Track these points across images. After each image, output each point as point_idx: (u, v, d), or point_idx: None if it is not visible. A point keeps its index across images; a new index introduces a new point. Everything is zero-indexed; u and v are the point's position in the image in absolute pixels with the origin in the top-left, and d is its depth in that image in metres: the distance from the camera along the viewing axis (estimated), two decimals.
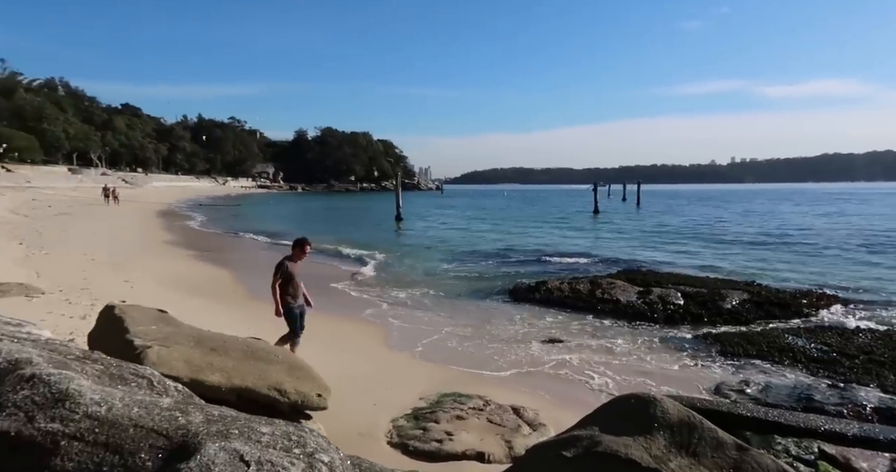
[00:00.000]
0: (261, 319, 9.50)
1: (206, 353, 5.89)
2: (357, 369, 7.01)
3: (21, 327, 1.42)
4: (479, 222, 39.85)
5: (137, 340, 5.83)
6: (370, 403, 5.90)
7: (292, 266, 6.46)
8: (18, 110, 71.89)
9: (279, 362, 6.16)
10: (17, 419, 0.92)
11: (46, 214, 27.24)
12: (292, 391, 5.48)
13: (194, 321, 6.80)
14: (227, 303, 10.69)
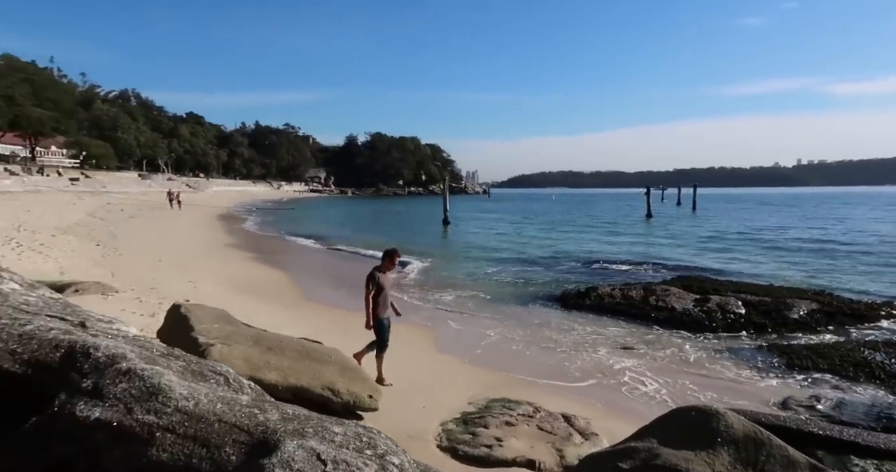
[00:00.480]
0: (315, 320, 9.81)
1: (263, 352, 6.13)
2: (405, 371, 7.08)
3: (112, 324, 1.54)
4: (526, 227, 39.45)
5: (201, 337, 6.14)
6: (419, 405, 5.94)
7: (382, 278, 6.41)
8: (96, 120, 77.36)
9: (332, 362, 6.34)
10: (117, 410, 1.00)
11: (119, 218, 29.13)
12: (345, 392, 5.62)
13: (251, 321, 7.10)
14: (282, 304, 11.06)
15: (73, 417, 0.99)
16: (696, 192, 63.17)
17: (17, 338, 1.15)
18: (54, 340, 1.17)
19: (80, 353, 1.13)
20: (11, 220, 20.12)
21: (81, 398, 1.03)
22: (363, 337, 8.54)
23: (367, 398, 5.64)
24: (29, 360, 1.11)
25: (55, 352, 1.13)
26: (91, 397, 1.03)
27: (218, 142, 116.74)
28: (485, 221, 46.46)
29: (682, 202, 70.53)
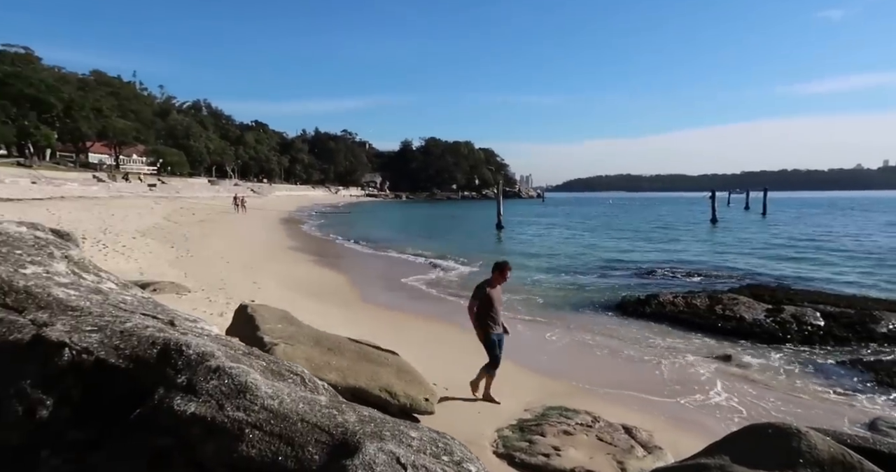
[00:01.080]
0: (371, 322, 10.01)
1: (323, 352, 6.32)
2: (460, 375, 7.08)
3: (196, 323, 1.64)
4: (581, 232, 38.59)
5: (266, 337, 6.42)
6: (475, 410, 5.93)
7: (492, 291, 6.10)
8: (172, 130, 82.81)
9: (389, 364, 6.44)
10: (210, 406, 1.07)
11: (191, 221, 30.97)
12: (402, 394, 5.70)
13: (310, 322, 7.34)
14: (340, 306, 11.36)
15: (171, 411, 1.07)
16: (767, 195, 59.47)
17: (119, 334, 1.25)
18: (151, 337, 1.26)
19: (174, 350, 1.21)
20: (98, 223, 21.85)
21: (178, 393, 1.10)
22: (417, 339, 8.65)
23: (423, 401, 5.68)
24: (130, 355, 1.20)
25: (152, 348, 1.22)
26: (186, 392, 1.10)
27: (280, 148, 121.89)
28: (539, 225, 45.85)
29: (750, 207, 66.73)
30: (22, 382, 1.13)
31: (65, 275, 1.63)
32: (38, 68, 61.68)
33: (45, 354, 1.17)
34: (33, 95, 52.03)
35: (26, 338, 1.22)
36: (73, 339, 1.21)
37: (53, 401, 1.11)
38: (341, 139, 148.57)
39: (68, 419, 1.10)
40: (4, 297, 1.35)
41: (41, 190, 36.51)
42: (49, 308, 1.35)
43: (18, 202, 27.52)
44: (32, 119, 52.44)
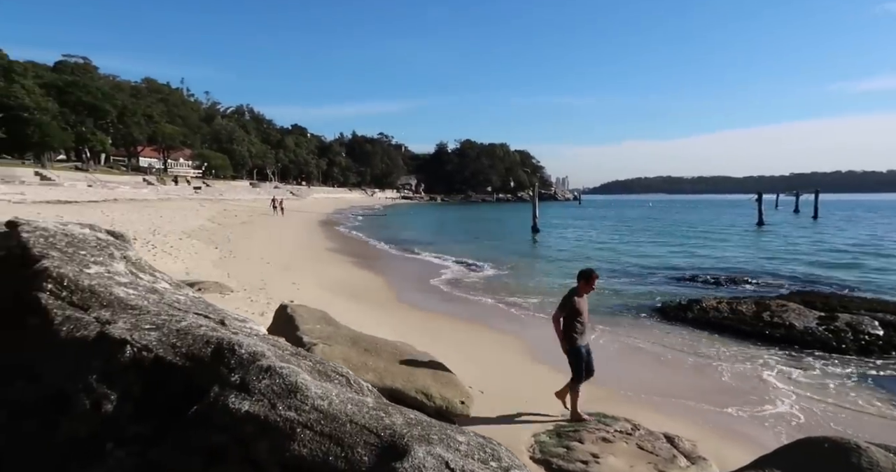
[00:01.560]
0: (406, 323, 10.08)
1: (361, 353, 6.40)
2: (496, 378, 7.04)
3: (245, 323, 1.69)
4: (620, 235, 37.79)
5: (306, 337, 6.55)
6: (511, 414, 5.88)
7: (579, 301, 5.81)
8: (216, 134, 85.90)
9: (425, 366, 6.46)
10: (263, 405, 1.10)
11: (233, 223, 31.98)
12: (437, 396, 5.71)
13: (347, 322, 7.45)
14: (375, 307, 11.48)
15: (226, 408, 1.10)
16: (818, 198, 56.72)
17: (176, 333, 1.31)
18: (205, 336, 1.31)
19: (226, 349, 1.25)
20: (148, 225, 22.84)
21: (232, 392, 1.14)
22: (451, 341, 8.65)
23: (459, 403, 5.68)
24: (186, 353, 1.25)
25: (206, 347, 1.26)
26: (240, 391, 1.14)
27: (319, 152, 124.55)
28: (575, 228, 45.18)
29: (800, 209, 63.81)
30: (89, 376, 1.19)
31: (124, 275, 1.72)
32: (95, 77, 65.22)
33: (108, 350, 1.24)
34: (90, 103, 54.96)
35: (92, 335, 1.29)
36: (134, 337, 1.27)
37: (117, 396, 1.17)
38: (377, 142, 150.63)
39: (130, 414, 1.16)
40: (71, 295, 1.43)
41: (96, 193, 38.46)
42: (111, 307, 1.42)
43: (76, 204, 29.06)
44: (89, 125, 55.40)
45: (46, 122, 48.68)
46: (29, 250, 1.63)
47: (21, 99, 47.11)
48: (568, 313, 5.76)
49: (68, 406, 1.16)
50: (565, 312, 5.77)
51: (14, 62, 51.53)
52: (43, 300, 1.38)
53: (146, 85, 76.07)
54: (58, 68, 62.67)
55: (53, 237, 1.77)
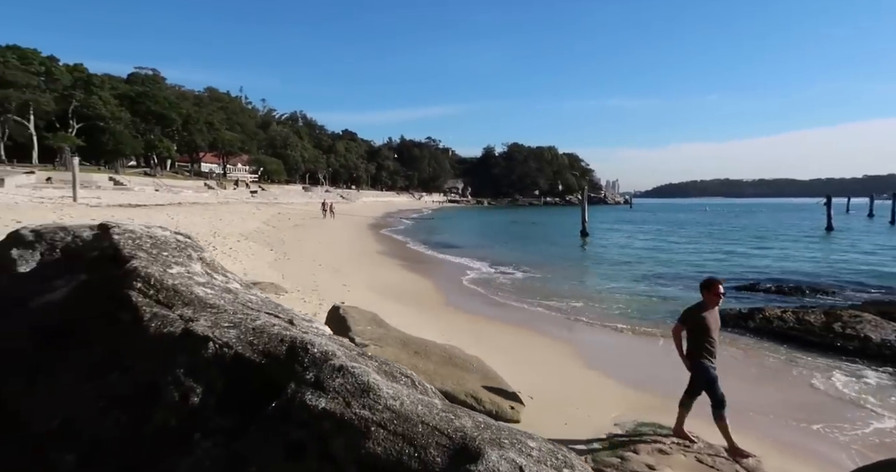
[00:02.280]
0: (453, 326, 10.11)
1: (411, 355, 6.47)
2: (545, 383, 6.95)
3: (312, 323, 1.76)
4: (673, 239, 36.45)
5: (357, 338, 6.69)
6: (561, 421, 5.78)
7: (708, 315, 5.09)
8: (272, 140, 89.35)
9: (474, 370, 6.47)
10: (338, 402, 1.15)
11: (287, 226, 33.09)
12: (487, 400, 5.70)
13: (396, 324, 7.55)
14: (424, 310, 11.57)
15: (304, 405, 1.15)
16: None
17: (252, 331, 1.38)
18: (279, 334, 1.37)
19: (300, 348, 1.31)
20: (209, 227, 24.00)
21: (308, 389, 1.19)
22: (500, 345, 8.60)
23: (508, 408, 5.65)
24: (263, 351, 1.32)
25: (281, 346, 1.33)
26: (315, 388, 1.19)
27: (368, 156, 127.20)
28: (626, 232, 43.96)
29: (874, 214, 59.40)
30: (176, 370, 1.27)
31: (201, 275, 1.83)
32: (163, 87, 69.39)
33: (193, 346, 1.32)
34: (158, 112, 58.53)
35: (177, 331, 1.38)
36: (215, 334, 1.35)
37: (202, 389, 1.25)
38: (425, 146, 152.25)
39: (214, 407, 1.23)
40: (157, 294, 1.54)
41: (162, 197, 40.82)
42: (192, 305, 1.52)
43: (145, 207, 30.92)
44: (157, 133, 59.00)
45: (120, 130, 52.24)
46: (120, 250, 1.76)
47: (98, 109, 50.79)
48: (691, 327, 5.10)
49: (159, 398, 1.25)
50: (687, 326, 5.13)
51: (93, 75, 55.66)
52: (133, 298, 1.49)
53: (208, 94, 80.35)
54: (130, 80, 67.15)
55: (140, 239, 1.90)
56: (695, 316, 5.10)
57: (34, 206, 22.98)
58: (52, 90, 49.34)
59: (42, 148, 47.84)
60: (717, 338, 5.11)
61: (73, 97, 50.08)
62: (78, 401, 1.30)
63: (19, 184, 33.33)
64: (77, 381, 1.35)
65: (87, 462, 1.18)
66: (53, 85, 50.11)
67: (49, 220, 15.12)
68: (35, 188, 33.03)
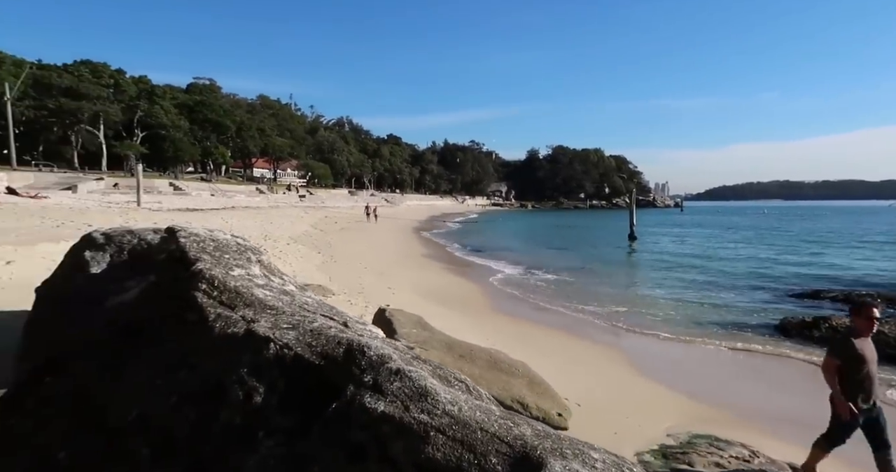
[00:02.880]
0: (498, 331, 10.03)
1: (456, 359, 6.46)
2: (593, 390, 6.79)
3: (365, 326, 1.79)
4: (727, 244, 34.88)
5: (403, 341, 6.74)
6: (611, 430, 5.62)
7: (862, 345, 4.21)
8: (319, 145, 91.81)
9: (520, 375, 6.39)
10: (397, 406, 1.16)
11: (334, 229, 33.85)
12: (534, 407, 5.61)
13: (441, 328, 7.55)
14: (468, 313, 11.54)
15: (363, 408, 1.17)
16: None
17: (310, 333, 1.41)
18: (336, 337, 1.40)
19: (356, 350, 1.33)
20: (260, 230, 24.85)
21: (367, 392, 1.21)
22: (545, 351, 8.47)
23: (556, 415, 5.54)
24: (321, 353, 1.35)
25: (338, 348, 1.35)
26: (374, 391, 1.21)
27: (412, 160, 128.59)
28: (677, 236, 42.43)
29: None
30: (240, 370, 1.32)
31: (260, 277, 1.89)
32: (219, 96, 72.66)
33: (255, 347, 1.37)
34: (214, 120, 61.38)
35: (240, 332, 1.43)
36: (276, 335, 1.39)
37: (264, 389, 1.29)
38: (468, 150, 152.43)
39: (275, 406, 1.27)
40: (221, 295, 1.60)
41: (217, 201, 42.68)
42: (253, 306, 1.58)
43: (201, 212, 32.38)
44: (213, 140, 61.83)
45: (179, 138, 55.10)
46: (186, 253, 1.85)
47: (160, 118, 53.76)
48: (847, 362, 4.19)
49: (225, 396, 1.30)
50: (840, 359, 4.21)
51: (156, 86, 59.02)
52: (199, 299, 1.56)
53: (260, 101, 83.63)
54: (189, 90, 70.71)
55: (204, 242, 1.99)
56: (847, 348, 4.21)
57: (103, 210, 24.52)
58: (120, 101, 52.61)
59: (110, 155, 51.04)
60: (876, 373, 4.26)
61: (138, 107, 53.23)
62: (152, 396, 1.37)
63: (90, 189, 35.74)
64: (150, 377, 1.42)
65: (160, 456, 1.24)
66: (121, 96, 53.44)
67: (116, 223, 16.08)
68: (104, 193, 35.31)
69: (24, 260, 9.18)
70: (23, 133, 45.28)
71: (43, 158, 47.39)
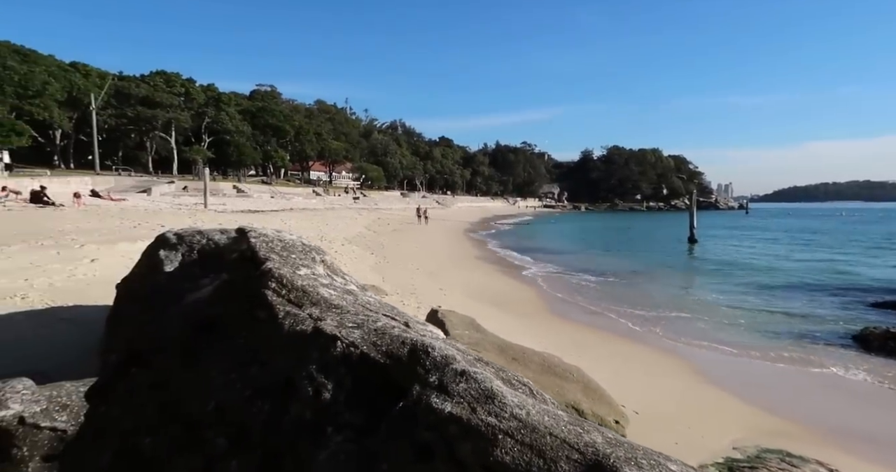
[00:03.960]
0: (551, 334, 9.87)
1: (508, 361, 6.40)
2: (652, 398, 6.55)
3: (426, 327, 1.81)
4: (797, 248, 32.77)
5: (455, 342, 6.74)
6: (671, 440, 5.39)
7: None
8: (373, 148, 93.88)
9: (574, 380, 6.25)
10: (463, 407, 1.16)
11: (386, 231, 34.46)
12: (589, 413, 5.47)
13: (492, 330, 7.50)
14: (520, 316, 11.42)
15: (430, 408, 1.18)
16: None
17: (374, 332, 1.44)
18: (400, 336, 1.42)
19: (421, 350, 1.35)
20: (316, 232, 25.67)
21: (433, 392, 1.22)
22: (600, 356, 8.24)
23: (612, 423, 5.37)
24: (386, 352, 1.37)
25: (402, 347, 1.37)
26: (439, 392, 1.21)
27: (463, 162, 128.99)
28: (741, 239, 40.28)
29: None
30: (309, 366, 1.37)
31: (325, 277, 1.95)
32: (279, 102, 75.82)
33: (323, 344, 1.41)
34: (275, 125, 64.06)
35: (308, 330, 1.48)
36: (342, 333, 1.43)
37: (332, 386, 1.33)
38: (520, 151, 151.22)
39: (343, 403, 1.30)
40: (289, 294, 1.66)
41: (277, 203, 44.48)
42: (319, 305, 1.63)
43: (261, 213, 33.83)
44: (273, 144, 64.53)
45: (243, 143, 57.88)
46: (256, 252, 1.94)
47: (225, 124, 56.71)
48: None
49: (295, 391, 1.35)
50: None
51: (222, 94, 62.32)
52: (269, 297, 1.63)
53: (317, 106, 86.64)
54: (252, 96, 74.18)
55: (272, 242, 2.08)
56: None
57: (174, 211, 26.10)
58: (190, 108, 55.93)
59: (180, 160, 54.33)
60: None
61: (206, 114, 56.40)
62: (226, 390, 1.44)
63: (163, 192, 38.21)
64: (224, 371, 1.49)
65: (237, 446, 1.30)
66: (191, 104, 56.80)
67: (185, 224, 17.08)
68: (174, 196, 37.64)
69: (106, 258, 9.92)
70: (105, 140, 49.05)
71: (122, 163, 51.12)
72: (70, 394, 2.52)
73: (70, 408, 2.41)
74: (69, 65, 49.32)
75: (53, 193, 25.02)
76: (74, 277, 8.46)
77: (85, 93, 44.53)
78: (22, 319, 6.19)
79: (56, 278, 8.19)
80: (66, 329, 5.98)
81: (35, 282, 7.83)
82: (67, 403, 2.45)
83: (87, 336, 5.44)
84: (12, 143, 36.85)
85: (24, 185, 26.16)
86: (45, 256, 9.85)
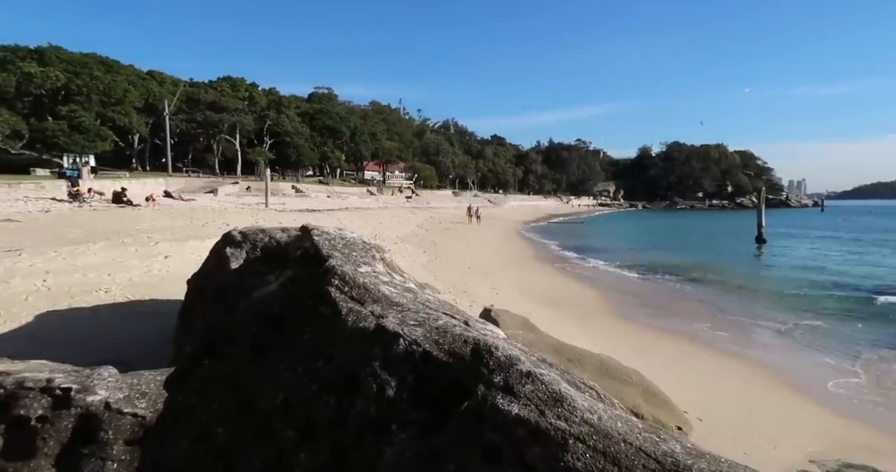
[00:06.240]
0: (609, 336, 9.59)
1: (564, 363, 6.25)
2: (718, 405, 6.23)
3: (486, 326, 1.79)
4: (877, 249, 30.22)
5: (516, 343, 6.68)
6: (739, 450, 5.10)
7: None
8: (425, 147, 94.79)
9: (633, 384, 6.05)
10: (531, 410, 1.14)
11: (438, 229, 34.66)
12: (649, 418, 5.27)
13: (546, 330, 7.37)
14: (575, 317, 11.17)
15: (496, 408, 1.16)
16: None
17: (436, 330, 1.44)
18: (462, 335, 1.41)
19: (484, 350, 1.33)
20: (371, 230, 26.21)
21: (498, 393, 1.20)
22: (662, 360, 7.92)
23: (674, 429, 5.16)
24: (448, 351, 1.36)
25: (465, 346, 1.36)
26: (505, 393, 1.19)
27: (515, 160, 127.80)
28: (816, 239, 37.67)
29: None
30: (373, 363, 1.38)
31: (385, 274, 1.97)
32: (335, 104, 78.06)
33: (385, 341, 1.42)
34: (331, 126, 66.00)
35: (371, 327, 1.50)
36: (404, 331, 1.44)
37: (396, 383, 1.34)
38: (574, 148, 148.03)
39: (407, 401, 1.31)
40: (351, 291, 1.69)
41: (333, 202, 45.81)
42: (380, 302, 1.65)
43: (318, 212, 34.90)
44: (330, 145, 66.49)
45: (301, 144, 59.98)
46: (319, 250, 1.99)
47: (286, 126, 58.99)
48: None
49: (359, 387, 1.37)
50: None
51: (282, 97, 64.89)
52: (332, 294, 1.66)
53: (372, 107, 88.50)
54: (310, 99, 76.72)
55: (334, 240, 2.13)
56: None
57: (237, 211, 27.40)
58: (253, 112, 58.58)
59: (244, 161, 57.00)
60: None
61: (268, 117, 58.87)
62: (294, 383, 1.48)
63: (227, 192, 40.26)
64: (292, 365, 1.54)
65: (305, 438, 1.34)
66: (254, 108, 59.48)
67: (248, 223, 17.87)
68: (238, 196, 39.55)
69: (178, 255, 10.55)
70: (177, 143, 52.23)
71: (191, 165, 54.27)
72: (149, 382, 2.70)
73: (149, 396, 2.58)
74: (146, 73, 52.96)
75: (132, 195, 26.92)
76: (150, 272, 9.07)
77: (160, 99, 47.64)
78: (106, 311, 6.69)
79: (134, 274, 8.80)
80: (143, 321, 6.41)
81: (117, 277, 8.45)
82: (146, 390, 2.62)
83: (162, 328, 5.81)
84: (98, 147, 40.02)
85: (106, 186, 28.28)
86: (124, 252, 10.61)
